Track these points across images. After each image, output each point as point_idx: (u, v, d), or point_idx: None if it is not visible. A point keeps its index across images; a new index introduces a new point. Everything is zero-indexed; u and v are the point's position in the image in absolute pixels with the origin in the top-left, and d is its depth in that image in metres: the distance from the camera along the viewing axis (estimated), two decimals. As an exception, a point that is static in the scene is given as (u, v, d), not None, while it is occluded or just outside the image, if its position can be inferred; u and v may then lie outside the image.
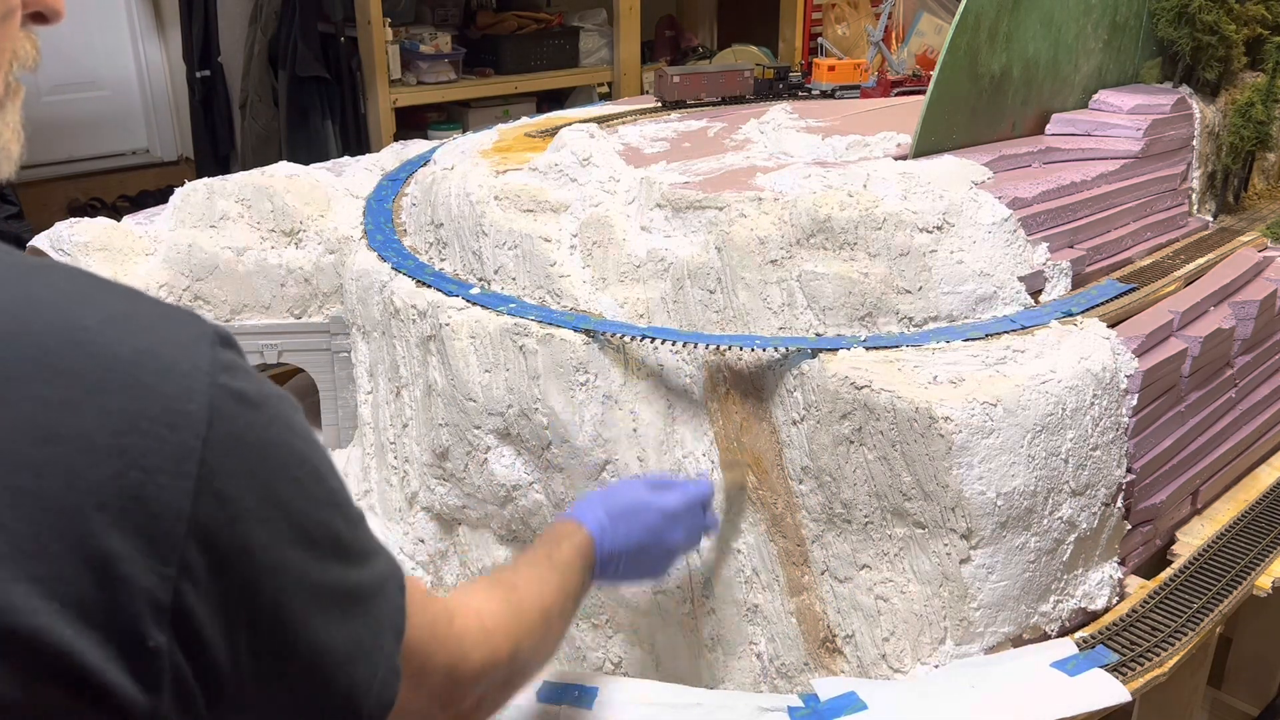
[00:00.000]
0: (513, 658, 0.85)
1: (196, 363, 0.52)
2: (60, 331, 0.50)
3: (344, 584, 0.61)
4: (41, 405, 0.47)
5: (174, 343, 0.53)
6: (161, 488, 0.49)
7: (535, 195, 1.63)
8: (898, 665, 1.31)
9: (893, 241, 1.40)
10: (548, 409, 1.45)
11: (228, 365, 0.54)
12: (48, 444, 0.47)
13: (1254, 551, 1.48)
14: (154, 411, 0.50)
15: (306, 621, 0.58)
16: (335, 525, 0.61)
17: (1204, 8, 1.90)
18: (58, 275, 0.53)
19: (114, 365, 0.50)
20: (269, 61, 3.99)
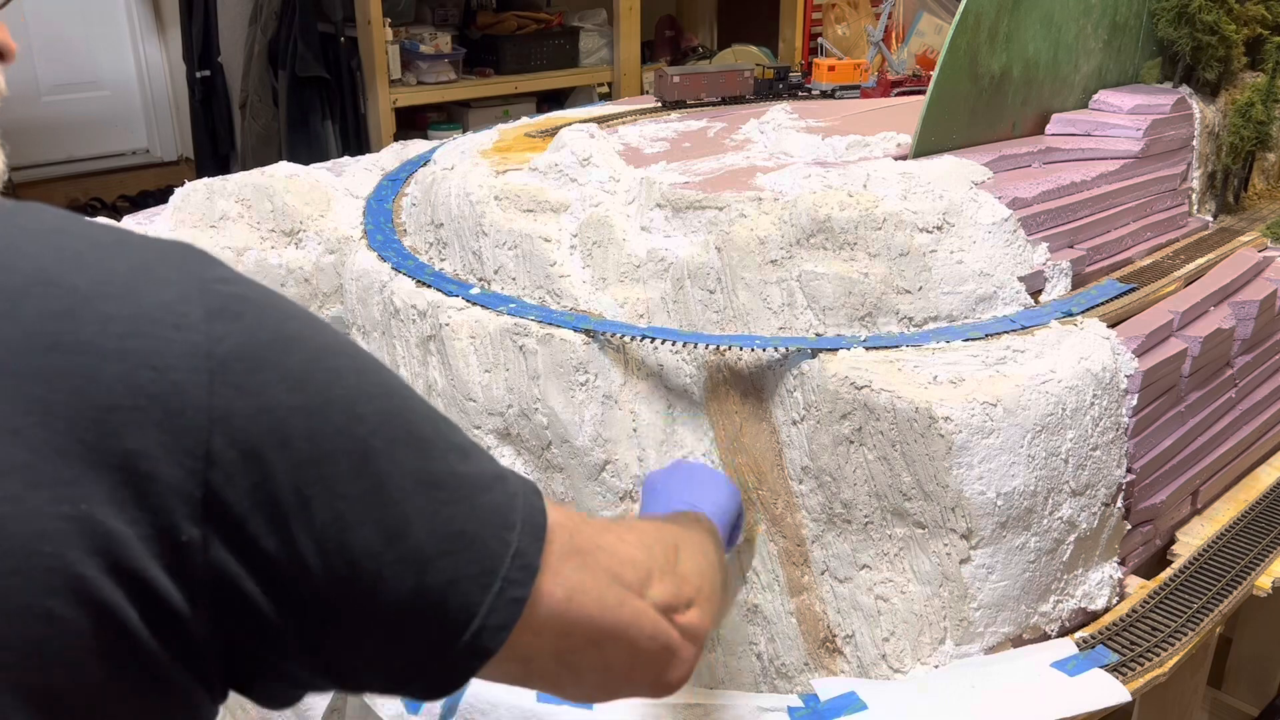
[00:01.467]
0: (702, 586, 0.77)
1: (191, 270, 0.53)
2: (55, 252, 0.50)
3: (422, 470, 0.58)
4: (43, 317, 0.47)
5: (166, 257, 0.53)
6: (174, 384, 0.49)
7: (535, 195, 1.63)
8: (898, 665, 1.31)
9: (893, 241, 1.40)
10: (548, 409, 1.45)
11: (222, 275, 0.54)
12: (53, 352, 0.47)
13: (1254, 551, 1.48)
14: (156, 314, 0.50)
15: (373, 511, 0.55)
16: (405, 414, 0.59)
17: (1204, 8, 1.90)
18: (42, 209, 0.54)
19: (111, 277, 0.50)
20: (269, 61, 3.99)
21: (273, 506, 0.52)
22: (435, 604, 0.57)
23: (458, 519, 0.58)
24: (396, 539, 0.56)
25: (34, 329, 0.47)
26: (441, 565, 0.57)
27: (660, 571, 0.72)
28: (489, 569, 0.59)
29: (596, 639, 0.66)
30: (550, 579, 0.62)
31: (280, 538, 0.52)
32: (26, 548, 0.45)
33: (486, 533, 0.60)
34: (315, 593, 0.54)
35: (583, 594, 0.65)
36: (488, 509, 0.60)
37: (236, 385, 0.51)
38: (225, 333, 0.51)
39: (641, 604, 0.69)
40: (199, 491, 0.49)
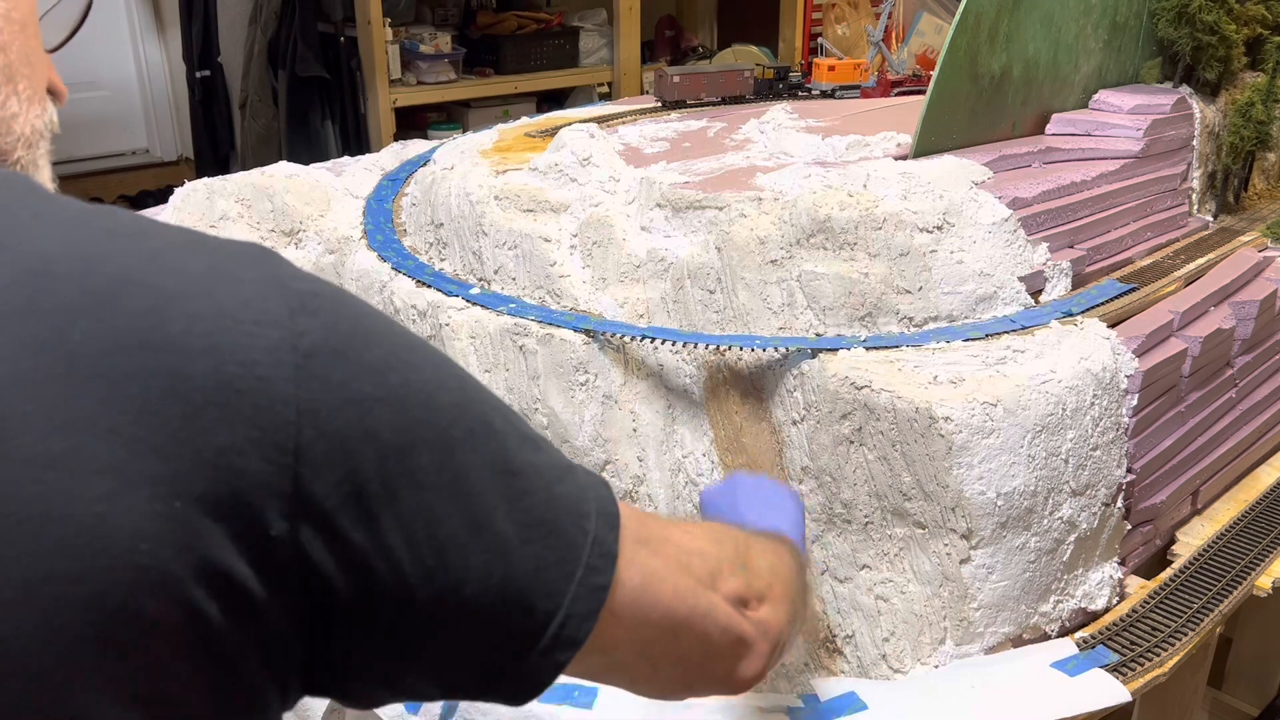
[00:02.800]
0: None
1: (266, 269, 0.53)
2: (135, 253, 0.50)
3: (501, 460, 0.58)
4: (131, 316, 0.48)
5: (240, 256, 0.54)
6: (261, 379, 0.49)
7: (535, 195, 1.63)
8: (898, 665, 1.31)
9: (893, 241, 1.40)
10: (548, 409, 1.45)
11: (295, 273, 0.55)
12: (144, 350, 0.47)
13: (1254, 551, 1.48)
14: (237, 312, 0.50)
15: (458, 501, 0.55)
16: (480, 406, 0.59)
17: (1204, 8, 1.90)
18: (117, 211, 0.54)
19: (190, 276, 0.50)
20: (269, 61, 3.99)
21: (360, 499, 0.52)
22: (521, 594, 0.57)
23: (537, 508, 0.58)
24: (481, 529, 0.56)
25: (123, 328, 0.47)
26: (525, 554, 0.57)
27: (730, 564, 0.71)
28: (571, 557, 0.59)
29: (672, 628, 0.66)
30: (625, 566, 0.62)
31: (368, 530, 0.52)
32: (124, 546, 0.45)
33: (565, 521, 0.60)
34: (403, 586, 0.54)
35: (657, 581, 0.64)
36: (563, 498, 0.60)
37: (321, 379, 0.51)
38: (306, 328, 0.52)
39: (713, 596, 0.68)
40: (289, 486, 0.49)
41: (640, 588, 0.63)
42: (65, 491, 0.44)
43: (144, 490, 0.46)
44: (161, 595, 0.46)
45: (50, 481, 0.44)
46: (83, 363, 0.46)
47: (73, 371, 0.46)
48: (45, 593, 0.43)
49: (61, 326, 0.46)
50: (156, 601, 0.46)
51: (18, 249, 0.48)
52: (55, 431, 0.44)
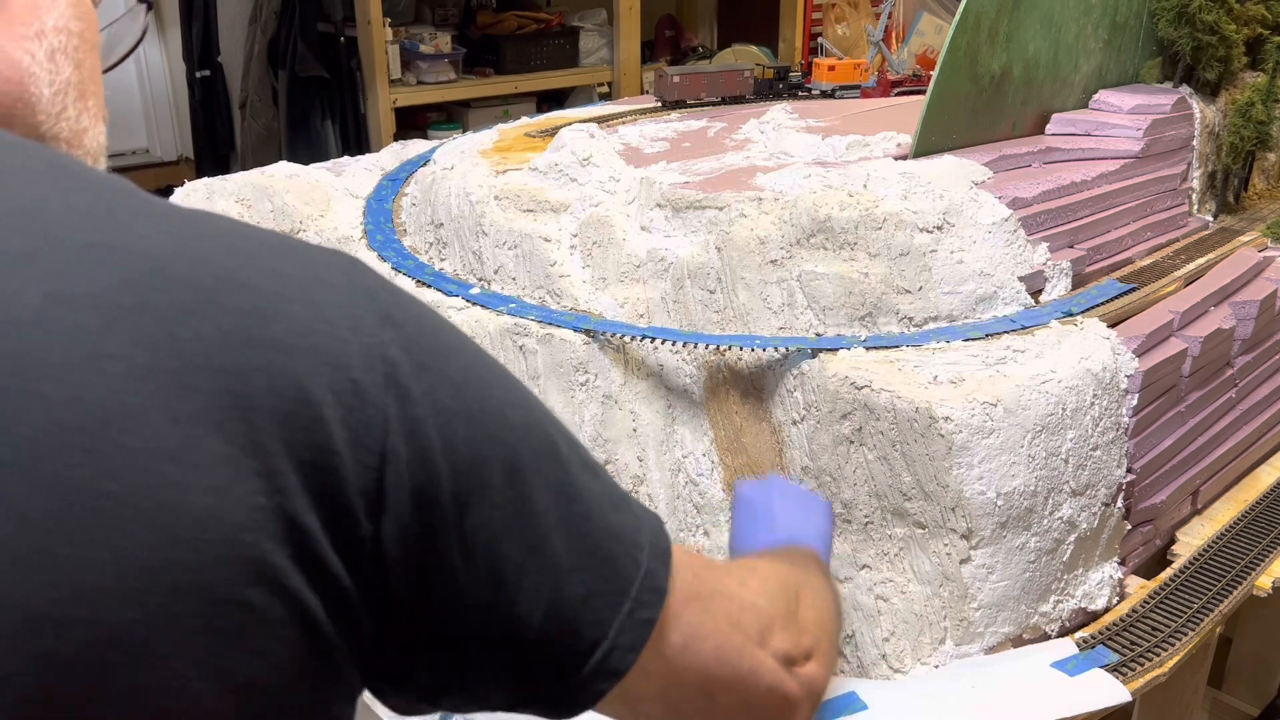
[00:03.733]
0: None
1: (355, 277, 0.55)
2: (234, 253, 0.52)
3: (564, 484, 0.58)
4: (236, 315, 0.49)
5: (331, 263, 0.55)
6: (355, 382, 0.50)
7: (535, 195, 1.63)
8: (898, 665, 1.31)
9: (893, 241, 1.40)
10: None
11: (382, 283, 0.56)
12: (249, 349, 0.48)
13: (1254, 551, 1.48)
14: (332, 315, 0.51)
15: (519, 520, 0.56)
16: (546, 428, 0.60)
17: (1204, 8, 1.90)
18: (210, 214, 0.55)
19: (286, 279, 0.52)
20: (269, 61, 3.99)
21: (432, 510, 0.53)
22: (569, 619, 0.58)
23: (593, 534, 0.59)
24: (538, 551, 0.56)
25: (229, 327, 0.48)
26: (577, 580, 0.58)
27: (782, 620, 0.70)
28: (621, 588, 0.59)
29: (710, 689, 0.65)
30: (671, 618, 0.61)
31: (435, 543, 0.53)
32: (230, 538, 0.46)
33: (619, 550, 0.60)
34: (459, 601, 0.55)
35: (700, 641, 0.63)
36: (619, 528, 0.61)
37: (408, 388, 0.52)
38: (394, 338, 0.53)
39: (761, 654, 0.67)
40: (374, 488, 0.51)
41: (682, 646, 0.62)
42: (180, 483, 0.45)
43: (249, 483, 0.47)
44: (266, 585, 0.47)
45: (166, 473, 0.45)
46: (192, 359, 0.47)
47: (184, 368, 0.47)
48: (163, 581, 0.45)
49: (172, 324, 0.47)
50: (261, 591, 0.47)
51: (128, 249, 0.49)
52: (170, 425, 0.46)
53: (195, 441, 0.46)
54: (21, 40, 0.61)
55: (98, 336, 0.46)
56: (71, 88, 0.65)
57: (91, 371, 0.45)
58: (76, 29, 0.65)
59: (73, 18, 0.65)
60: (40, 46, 0.62)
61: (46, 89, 0.63)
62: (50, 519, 0.43)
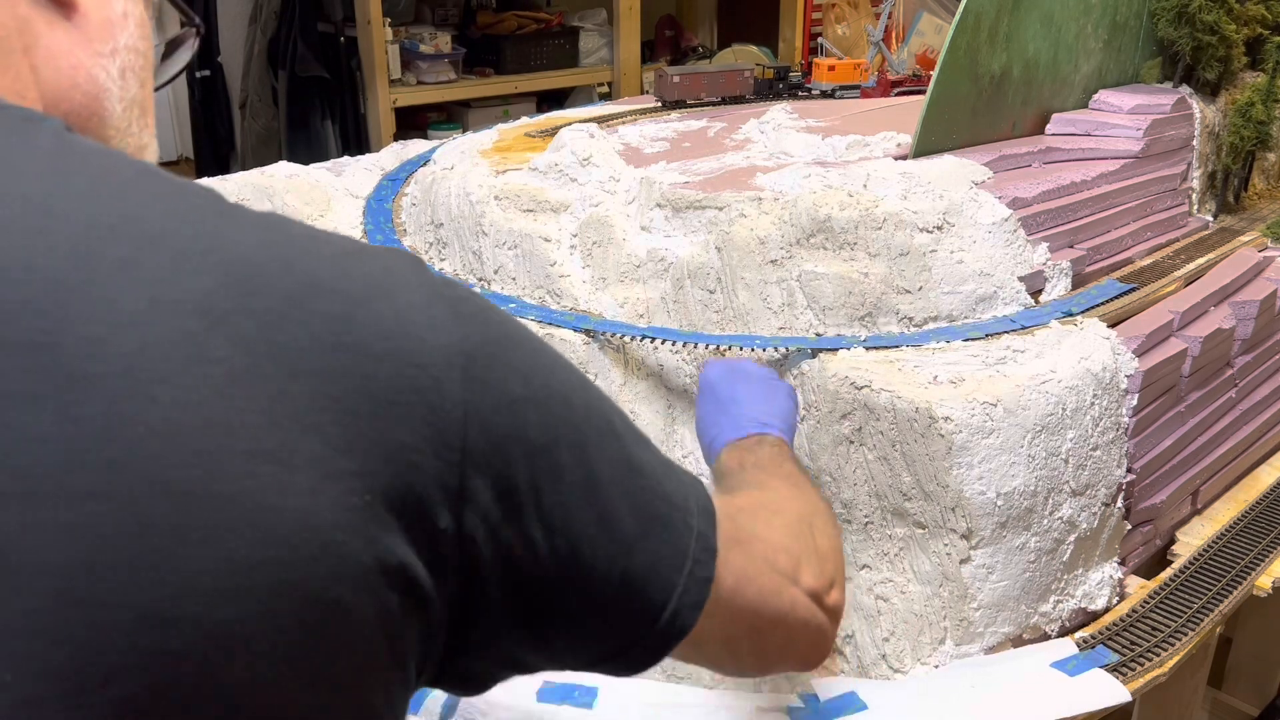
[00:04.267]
0: None
1: (423, 276, 0.57)
2: (316, 258, 0.54)
3: (624, 458, 0.62)
4: (325, 319, 0.51)
5: (400, 263, 0.57)
6: (435, 380, 0.52)
7: (535, 195, 1.63)
8: (898, 665, 1.31)
9: (893, 241, 1.40)
10: (548, 409, 1.46)
11: (445, 279, 0.59)
12: (339, 351, 0.50)
13: (1254, 551, 1.48)
14: (411, 316, 0.54)
15: (590, 497, 0.59)
16: (602, 406, 0.63)
17: (1204, 8, 1.90)
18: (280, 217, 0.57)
19: (365, 282, 0.54)
20: (269, 61, 3.99)
21: (511, 495, 0.56)
22: (640, 585, 0.62)
23: (654, 503, 0.63)
24: (609, 524, 0.60)
25: (320, 331, 0.50)
26: (644, 548, 0.62)
27: (807, 556, 0.76)
28: (681, 550, 0.64)
29: (759, 625, 0.71)
30: (720, 566, 0.66)
31: (517, 525, 0.56)
32: (323, 538, 0.48)
33: (675, 516, 0.65)
34: (540, 577, 0.58)
35: (747, 581, 0.69)
36: (673, 494, 0.65)
37: (483, 381, 0.55)
38: (468, 332, 0.55)
39: (796, 591, 0.74)
40: (455, 482, 0.53)
41: (733, 589, 0.68)
42: (278, 484, 0.47)
43: (340, 484, 0.49)
44: (353, 584, 0.49)
45: (265, 474, 0.47)
46: (288, 362, 0.49)
47: (280, 370, 0.48)
48: (263, 579, 0.46)
49: (268, 329, 0.49)
50: (349, 590, 0.49)
51: (222, 253, 0.50)
52: (270, 427, 0.47)
53: (292, 443, 0.48)
54: (99, 57, 0.64)
55: (201, 340, 0.47)
56: (136, 105, 0.69)
57: (197, 375, 0.47)
58: (143, 49, 0.69)
59: (140, 38, 0.68)
60: (114, 64, 0.65)
61: (117, 105, 0.66)
62: (165, 520, 0.44)
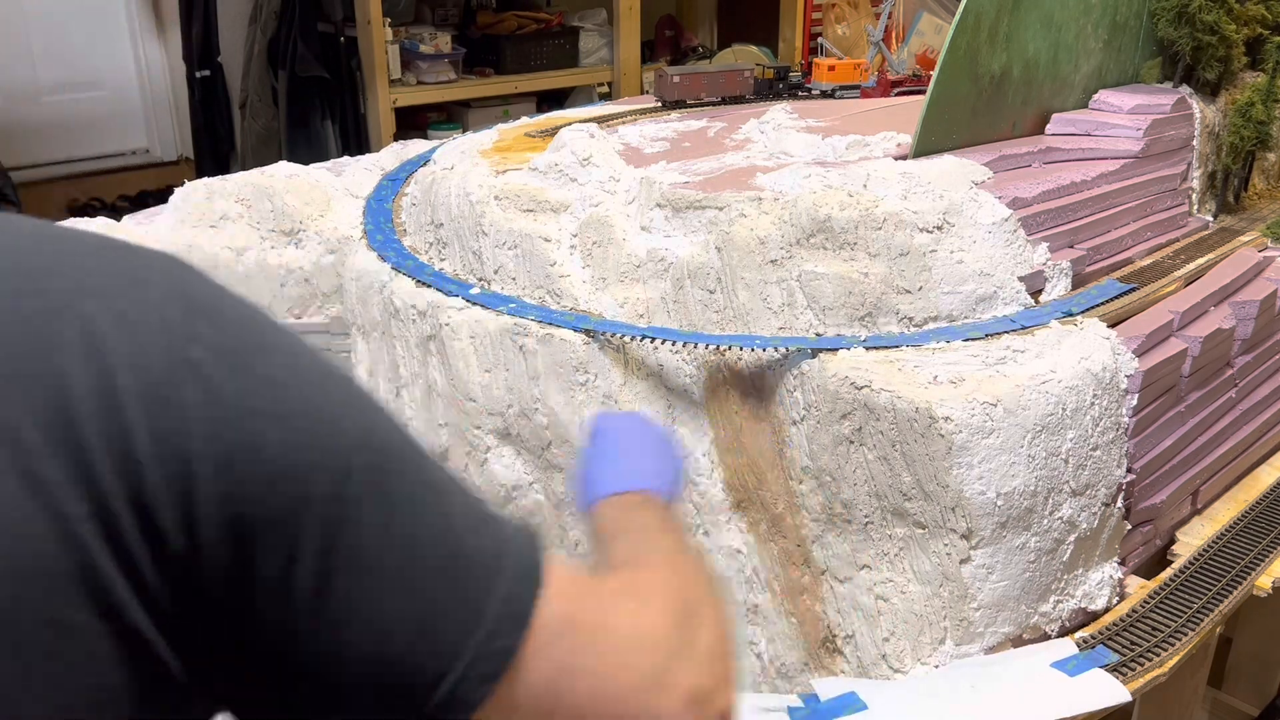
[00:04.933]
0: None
1: (171, 277, 0.52)
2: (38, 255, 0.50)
3: (403, 499, 0.53)
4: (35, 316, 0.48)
5: (148, 263, 0.53)
6: (156, 385, 0.48)
7: (535, 195, 1.63)
8: (898, 665, 1.31)
9: (893, 241, 1.40)
10: (547, 409, 1.45)
11: (203, 283, 0.54)
12: (49, 353, 0.47)
13: (1254, 551, 1.48)
14: (139, 316, 0.49)
15: (348, 539, 0.51)
16: (390, 434, 0.55)
17: (1204, 8, 1.90)
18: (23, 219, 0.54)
19: (95, 277, 0.50)
20: (269, 61, 3.99)
21: (246, 523, 0.49)
22: (407, 649, 0.52)
23: (436, 556, 0.54)
24: (369, 573, 0.52)
25: (28, 331, 0.47)
26: (415, 607, 0.53)
27: (685, 653, 0.62)
28: (470, 615, 0.54)
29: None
30: (537, 644, 0.55)
31: (252, 560, 0.50)
32: (34, 550, 0.45)
33: (468, 574, 0.55)
34: (284, 628, 0.51)
35: (573, 677, 0.56)
36: (471, 549, 0.56)
37: (215, 390, 0.49)
38: (205, 337, 0.50)
39: (660, 698, 0.59)
40: (182, 498, 0.48)
41: (551, 679, 0.55)
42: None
43: (49, 494, 0.45)
44: (87, 604, 0.45)
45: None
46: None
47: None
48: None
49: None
50: (82, 610, 0.45)
51: None
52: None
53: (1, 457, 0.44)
54: None
55: None
56: None
57: None
58: None
59: None
60: None
61: None
62: None
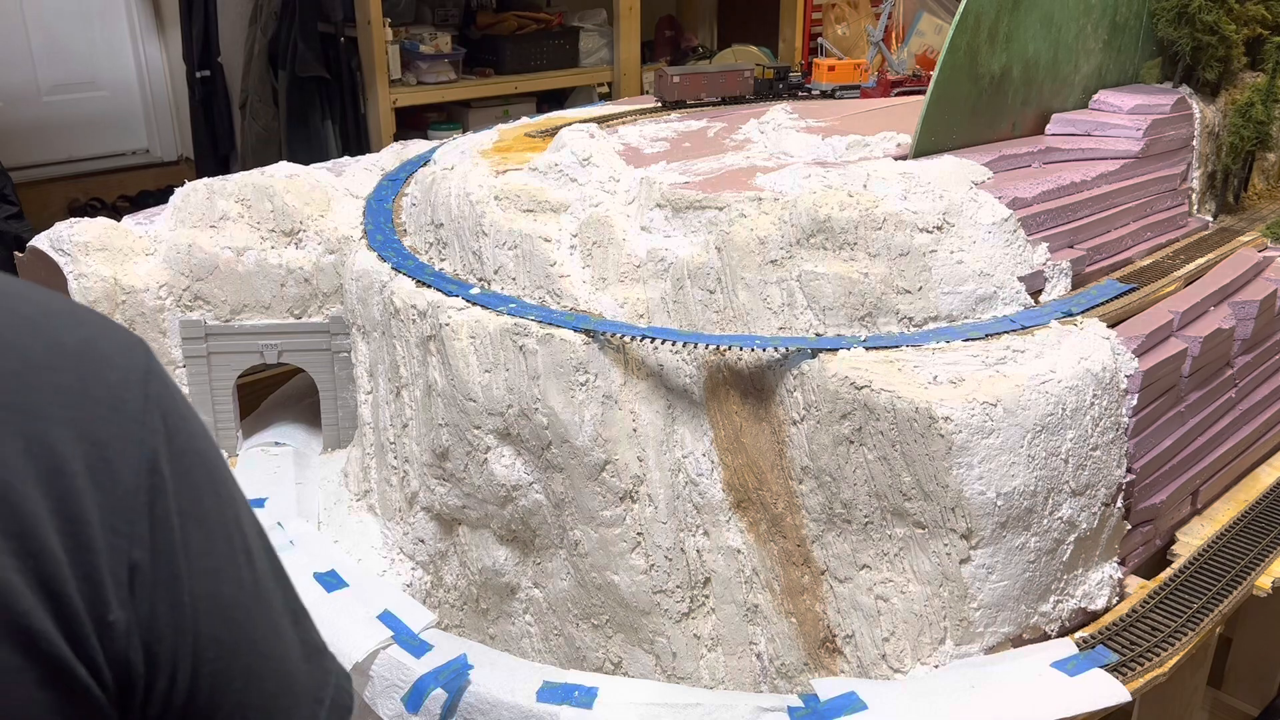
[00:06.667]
0: None
1: (133, 360, 0.55)
2: (11, 316, 0.52)
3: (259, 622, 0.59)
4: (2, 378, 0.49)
5: (113, 340, 0.55)
6: (109, 461, 0.51)
7: (535, 195, 1.63)
8: (898, 665, 1.31)
9: (893, 241, 1.40)
10: (548, 409, 1.45)
11: (159, 373, 0.56)
12: (9, 412, 0.49)
13: (1254, 551, 1.48)
14: (99, 393, 0.52)
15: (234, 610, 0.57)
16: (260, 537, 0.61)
17: (1204, 8, 1.90)
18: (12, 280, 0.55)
19: (61, 349, 0.52)
20: (269, 61, 3.99)
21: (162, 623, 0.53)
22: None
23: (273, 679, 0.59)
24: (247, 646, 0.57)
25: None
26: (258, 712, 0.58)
27: None
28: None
29: None
30: None
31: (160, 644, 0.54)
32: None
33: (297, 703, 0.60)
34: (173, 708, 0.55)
35: None
36: (304, 677, 0.61)
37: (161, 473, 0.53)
38: (157, 426, 0.54)
39: None
40: (125, 572, 0.51)
41: None
42: None
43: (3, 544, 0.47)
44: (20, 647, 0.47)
45: None
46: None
47: None
48: None
49: None
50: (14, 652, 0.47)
51: None
52: None
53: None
54: None
55: None
56: None
57: None
58: None
59: None
60: None
61: None
62: None
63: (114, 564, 0.50)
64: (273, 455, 1.92)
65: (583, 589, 1.51)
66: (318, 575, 1.54)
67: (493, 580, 1.60)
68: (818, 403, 1.32)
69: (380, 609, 1.46)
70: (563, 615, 1.55)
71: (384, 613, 1.45)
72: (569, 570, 1.52)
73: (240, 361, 1.92)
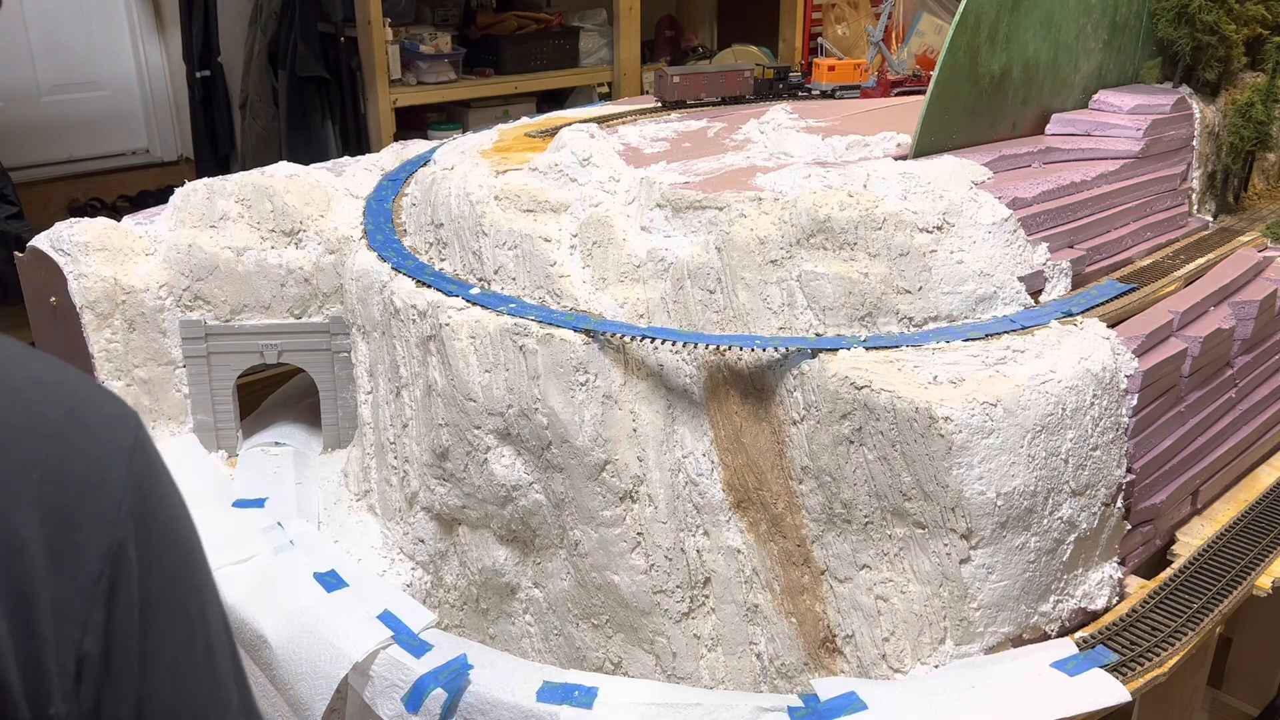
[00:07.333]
0: None
1: (119, 435, 0.54)
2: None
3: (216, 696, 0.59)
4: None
5: (100, 413, 0.54)
6: (74, 545, 0.50)
7: (535, 195, 1.63)
8: (898, 665, 1.31)
9: (893, 241, 1.40)
10: (548, 409, 1.45)
11: (145, 449, 0.56)
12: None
13: (1254, 551, 1.48)
14: (76, 469, 0.51)
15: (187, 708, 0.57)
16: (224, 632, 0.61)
17: (1204, 8, 1.90)
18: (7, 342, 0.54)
19: (42, 421, 0.51)
20: (269, 61, 3.99)
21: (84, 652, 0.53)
22: None
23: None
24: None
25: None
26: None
27: None
28: None
29: None
30: None
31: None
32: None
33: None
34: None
35: None
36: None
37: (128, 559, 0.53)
38: (134, 508, 0.53)
39: None
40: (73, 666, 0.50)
41: None
42: None
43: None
44: None
45: None
46: None
47: None
48: None
49: None
50: None
51: None
52: None
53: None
54: None
55: None
56: None
57: None
58: None
59: None
60: None
61: None
62: None
63: (62, 654, 0.49)
64: (273, 455, 1.92)
65: (583, 589, 1.51)
66: (318, 575, 1.54)
67: (493, 580, 1.60)
68: (818, 403, 1.32)
69: (380, 609, 1.46)
70: (563, 615, 1.55)
71: (384, 612, 1.45)
72: (569, 570, 1.52)
73: (240, 361, 1.92)
